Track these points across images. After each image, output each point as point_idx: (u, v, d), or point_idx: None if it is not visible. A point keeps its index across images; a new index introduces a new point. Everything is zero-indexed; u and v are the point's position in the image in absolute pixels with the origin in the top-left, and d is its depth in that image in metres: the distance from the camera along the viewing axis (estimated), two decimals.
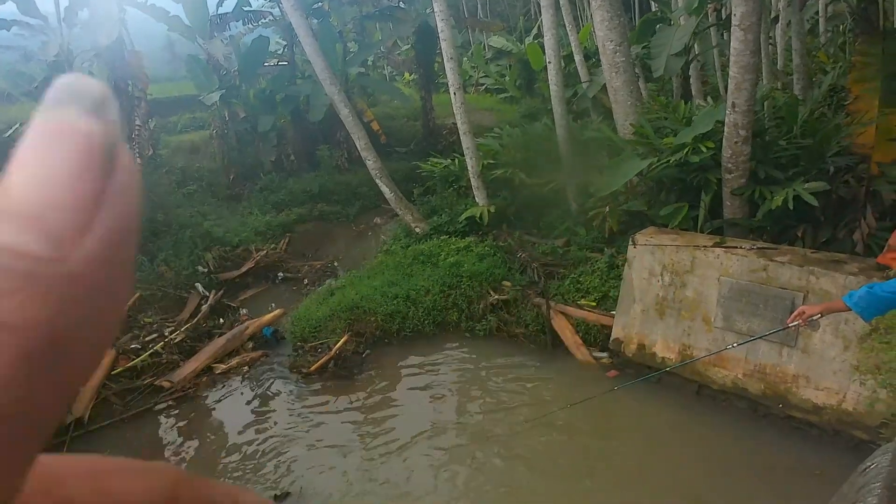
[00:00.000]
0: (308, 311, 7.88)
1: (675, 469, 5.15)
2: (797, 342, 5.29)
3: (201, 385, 7.07)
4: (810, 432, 5.29)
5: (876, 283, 3.18)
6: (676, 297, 6.07)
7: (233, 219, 11.43)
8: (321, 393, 6.80)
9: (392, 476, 5.34)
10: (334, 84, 9.53)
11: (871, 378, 4.75)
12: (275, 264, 10.41)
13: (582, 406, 6.17)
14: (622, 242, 6.94)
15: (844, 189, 5.99)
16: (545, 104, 15.46)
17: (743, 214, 6.25)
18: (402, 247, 9.36)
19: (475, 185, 9.06)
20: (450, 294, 7.74)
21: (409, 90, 18.96)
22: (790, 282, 5.26)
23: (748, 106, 5.76)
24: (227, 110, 12.89)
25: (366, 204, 13.09)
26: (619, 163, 6.75)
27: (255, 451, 5.91)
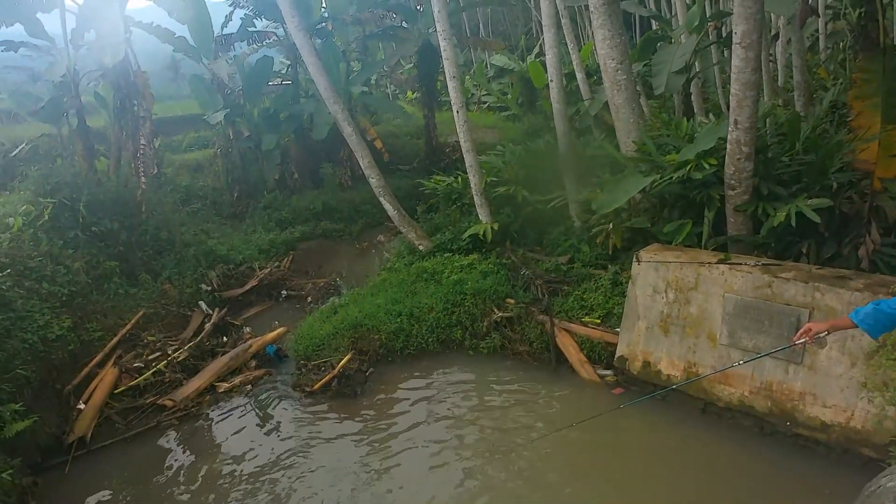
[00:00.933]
0: (311, 329, 7.87)
1: (679, 489, 5.10)
2: (803, 359, 5.25)
3: (204, 403, 7.06)
4: (817, 450, 5.23)
5: (882, 300, 3.17)
6: (681, 314, 6.05)
7: (236, 237, 11.49)
8: (324, 411, 6.76)
9: (397, 497, 5.28)
10: (337, 103, 9.60)
11: (878, 395, 4.71)
12: (278, 282, 10.45)
13: (587, 424, 6.12)
14: (626, 259, 6.93)
15: (848, 205, 5.98)
16: (547, 122, 15.53)
17: (747, 231, 6.24)
18: (406, 264, 9.37)
19: (478, 203, 9.08)
20: (453, 311, 7.73)
21: (412, 108, 19.12)
22: (795, 298, 5.24)
23: (750, 123, 5.77)
24: (231, 129, 13.01)
25: (369, 221, 13.16)
26: (622, 180, 6.76)
27: (256, 470, 5.87)
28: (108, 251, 8.64)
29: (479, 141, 13.95)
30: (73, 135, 10.87)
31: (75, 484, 5.78)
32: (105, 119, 12.32)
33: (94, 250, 8.42)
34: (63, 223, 8.31)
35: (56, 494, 5.64)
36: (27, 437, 5.73)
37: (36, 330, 6.56)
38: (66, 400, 6.71)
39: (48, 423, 6.22)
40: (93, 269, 8.17)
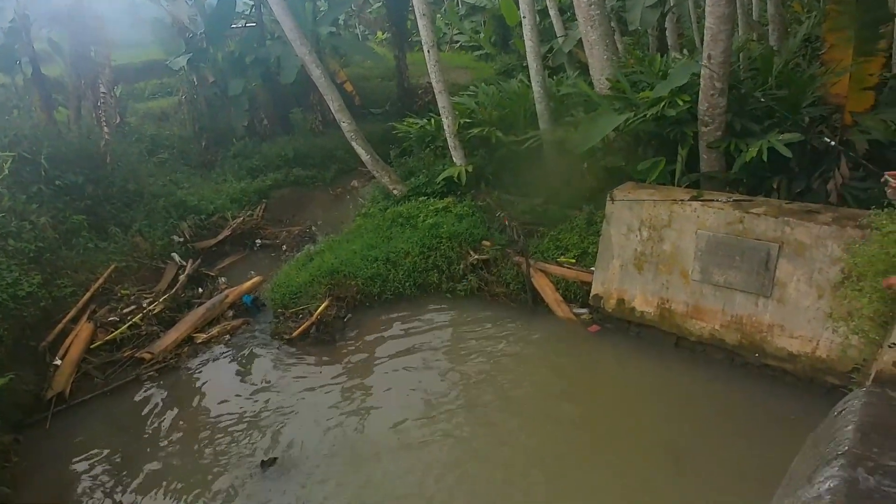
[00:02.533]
0: (288, 278, 7.84)
1: (654, 420, 5.27)
2: (773, 292, 5.37)
3: (183, 355, 7.05)
4: (785, 380, 5.43)
5: None
6: (654, 251, 6.12)
7: (207, 186, 11.24)
8: (304, 358, 6.81)
9: (377, 439, 5.39)
10: (304, 45, 9.30)
11: (843, 325, 4.84)
12: (252, 231, 10.31)
13: (565, 361, 6.29)
14: (600, 199, 6.93)
15: (819, 140, 6.01)
16: (521, 61, 15.27)
17: (719, 167, 6.27)
18: (381, 209, 9.30)
19: (452, 145, 8.97)
20: (430, 255, 7.74)
21: (383, 50, 18.61)
22: (766, 233, 5.31)
23: (724, 57, 5.72)
24: (195, 75, 12.56)
25: (342, 167, 12.93)
26: (596, 118, 6.70)
27: (239, 418, 5.93)
28: (75, 205, 8.42)
29: (452, 81, 13.68)
30: (28, 84, 10.43)
31: (58, 439, 5.80)
32: (61, 67, 11.78)
33: (59, 205, 8.20)
34: (25, 177, 8.06)
35: (39, 449, 5.66)
36: (5, 395, 5.70)
37: (5, 288, 6.45)
38: (41, 357, 6.65)
39: (25, 380, 6.19)
40: (60, 224, 7.98)
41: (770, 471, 4.05)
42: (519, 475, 4.85)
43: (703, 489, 4.45)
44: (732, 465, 4.63)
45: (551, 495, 4.62)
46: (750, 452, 4.70)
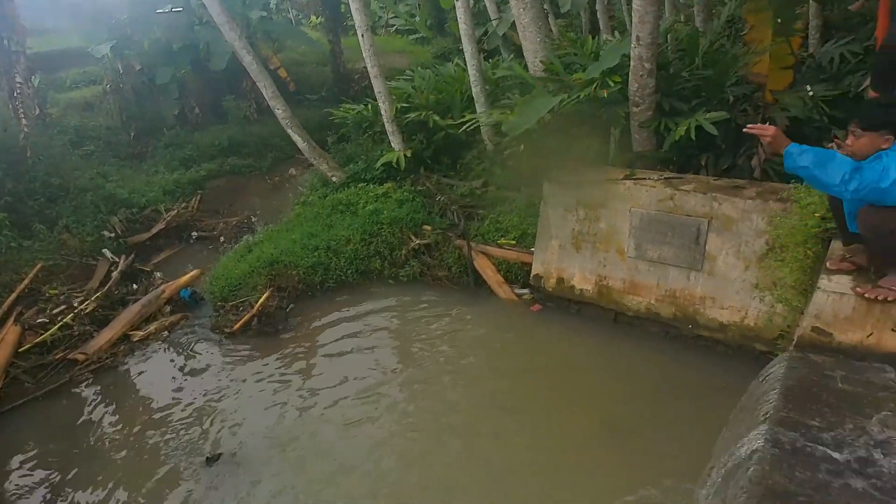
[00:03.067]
0: (226, 270, 7.68)
1: (593, 393, 5.43)
2: (703, 266, 5.57)
3: (119, 354, 6.82)
4: (717, 349, 5.65)
5: None
6: (591, 230, 6.26)
7: (138, 178, 10.85)
8: (247, 351, 6.70)
9: (325, 428, 5.36)
10: (234, 30, 9.04)
11: (768, 294, 5.09)
12: (187, 224, 10.02)
13: (508, 341, 6.39)
14: (537, 180, 7.02)
15: (743, 117, 6.24)
16: (457, 44, 15.22)
17: (651, 146, 6.43)
18: (320, 197, 9.18)
19: (390, 130, 8.92)
20: (371, 242, 7.70)
21: (317, 34, 18.25)
22: (695, 209, 5.50)
23: (652, 39, 5.84)
24: (120, 63, 12.06)
25: (279, 155, 12.69)
26: (531, 100, 6.74)
27: (183, 415, 5.80)
28: None
29: (389, 66, 13.56)
30: None
31: None
32: None
33: None
34: None
35: None
36: None
37: None
38: None
39: None
40: None
41: (705, 435, 4.22)
42: (468, 451, 4.93)
43: (642, 455, 4.61)
44: (669, 431, 4.80)
45: (501, 469, 4.71)
46: (686, 419, 4.89)
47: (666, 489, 4.27)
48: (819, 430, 2.96)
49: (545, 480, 4.54)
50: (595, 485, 4.45)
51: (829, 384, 3.33)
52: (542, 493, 4.43)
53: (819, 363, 3.56)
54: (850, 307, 3.65)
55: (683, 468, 4.31)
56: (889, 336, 3.52)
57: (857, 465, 2.76)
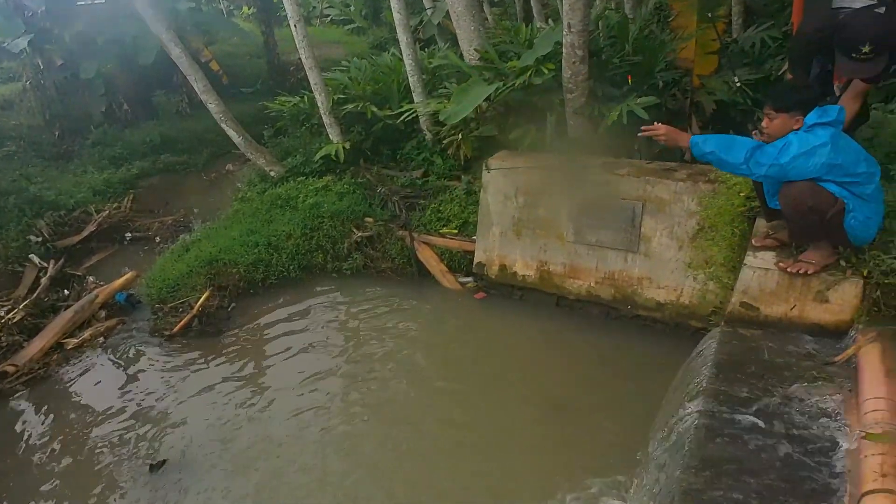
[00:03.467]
0: (163, 271, 7.44)
1: (537, 376, 5.51)
2: (639, 247, 5.73)
3: (53, 363, 6.53)
4: (655, 327, 5.82)
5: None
6: (531, 216, 6.34)
7: (65, 179, 10.37)
8: (188, 353, 6.52)
9: (273, 429, 5.28)
10: (161, 21, 8.74)
11: (701, 272, 5.28)
12: (121, 224, 9.65)
13: (453, 329, 6.44)
14: (477, 169, 7.07)
15: (672, 102, 6.45)
16: (393, 34, 15.02)
17: (586, 132, 6.54)
18: (258, 192, 8.99)
19: (328, 122, 8.80)
20: (312, 236, 7.60)
21: (249, 25, 17.82)
22: (630, 192, 5.64)
23: (583, 26, 5.94)
24: (40, 58, 11.44)
25: (215, 151, 12.33)
26: (467, 89, 6.78)
27: (124, 422, 5.61)
28: None
29: (325, 57, 13.36)
30: None
31: None
32: None
33: None
34: None
35: None
36: None
37: None
38: None
39: None
40: None
41: (646, 411, 4.36)
42: (416, 439, 4.96)
43: (585, 434, 4.74)
44: (612, 409, 4.94)
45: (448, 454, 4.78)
46: (627, 396, 5.04)
47: (610, 464, 4.39)
48: (749, 401, 3.10)
49: (493, 462, 4.61)
50: (541, 464, 4.54)
51: (757, 356, 3.49)
52: (490, 474, 4.50)
53: (748, 336, 3.72)
54: (775, 282, 3.82)
55: (626, 443, 4.43)
56: (810, 307, 3.70)
57: (784, 431, 2.91)
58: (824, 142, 3.43)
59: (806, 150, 3.44)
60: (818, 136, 3.46)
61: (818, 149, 3.43)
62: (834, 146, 3.43)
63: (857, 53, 3.50)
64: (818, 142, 3.44)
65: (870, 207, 3.51)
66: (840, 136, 3.51)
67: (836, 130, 3.49)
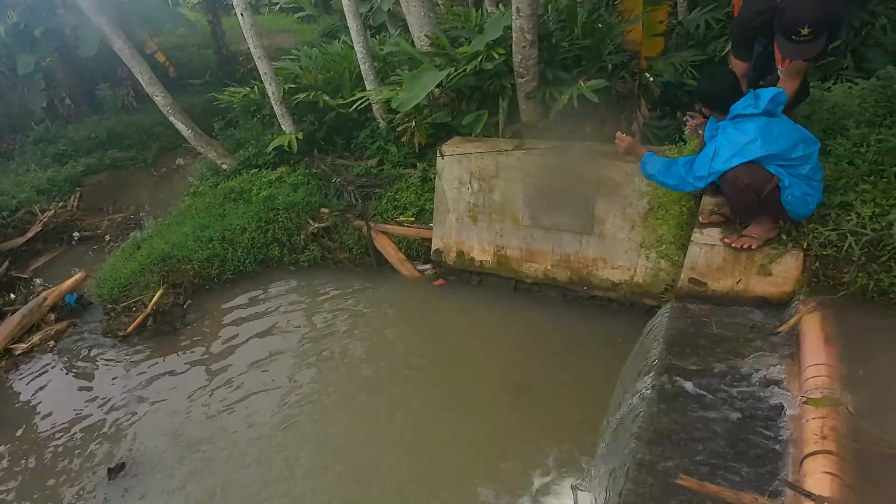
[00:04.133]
0: (114, 270, 7.26)
1: (499, 358, 5.59)
2: (593, 229, 5.82)
3: (1, 370, 6.36)
4: (611, 307, 5.94)
5: (681, 159, 3.86)
6: (486, 202, 6.37)
7: (6, 179, 10.05)
8: (144, 353, 6.41)
9: (234, 427, 5.24)
10: (101, 13, 8.47)
11: (653, 251, 5.39)
12: (67, 224, 9.39)
13: (413, 316, 6.46)
14: (432, 156, 7.07)
15: (621, 84, 6.51)
16: (343, 21, 14.91)
17: (538, 116, 6.59)
18: (211, 186, 8.83)
19: (279, 113, 8.66)
20: (268, 229, 7.50)
21: (196, 15, 17.39)
22: (583, 175, 5.71)
23: (531, 10, 5.96)
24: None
25: (164, 145, 12.08)
26: (419, 76, 6.75)
27: (77, 428, 5.49)
28: None
29: (275, 46, 13.17)
30: None
31: None
32: None
33: None
34: None
35: None
36: None
37: None
38: None
39: None
40: None
41: (604, 388, 4.46)
42: (378, 427, 5.00)
43: (545, 413, 4.85)
44: (570, 388, 5.06)
45: (411, 439, 4.82)
46: (585, 376, 5.15)
47: (569, 440, 4.51)
48: (698, 373, 3.20)
49: (455, 443, 4.70)
50: (503, 443, 4.63)
51: (705, 330, 3.59)
52: (452, 455, 4.58)
53: (696, 311, 3.83)
54: (721, 257, 3.93)
55: (586, 420, 4.53)
56: (755, 281, 3.82)
57: (731, 400, 3.02)
58: (753, 138, 3.51)
59: (736, 150, 3.54)
60: (746, 133, 3.53)
61: (747, 147, 3.52)
62: (764, 139, 3.50)
63: (797, 35, 3.59)
64: (746, 140, 3.52)
65: (807, 184, 3.59)
66: (772, 124, 3.56)
67: (766, 121, 3.54)
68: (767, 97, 3.54)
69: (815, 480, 2.38)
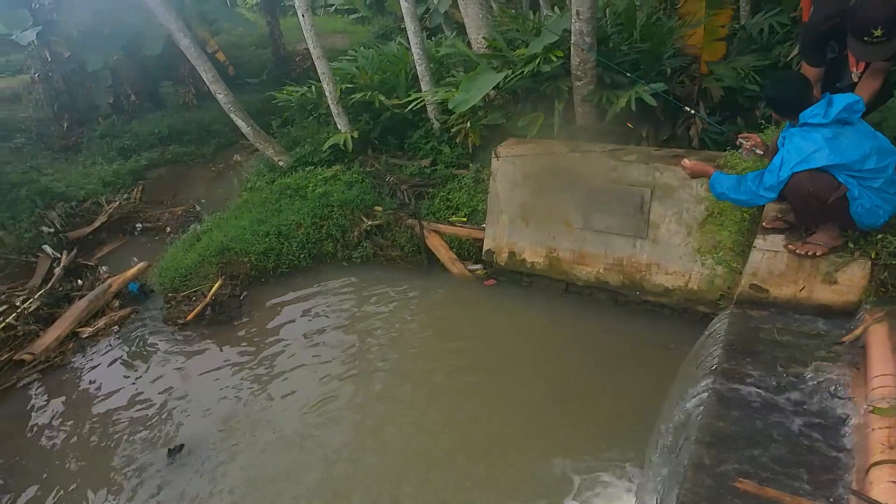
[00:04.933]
0: (175, 260, 7.53)
1: (545, 360, 5.60)
2: (648, 234, 5.78)
3: (68, 352, 6.65)
4: (662, 313, 5.88)
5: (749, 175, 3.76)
6: (539, 203, 6.39)
7: (74, 171, 10.47)
8: (201, 342, 6.62)
9: (288, 414, 5.38)
10: (170, 12, 8.77)
11: (710, 258, 5.33)
12: (131, 215, 9.76)
13: (462, 315, 6.51)
14: (485, 157, 7.13)
15: (680, 89, 6.47)
16: (397, 23, 15.13)
17: (593, 119, 6.59)
18: (267, 182, 9.06)
19: (335, 112, 8.84)
20: (322, 225, 7.67)
21: (253, 15, 17.84)
22: (638, 179, 5.68)
23: (591, 13, 5.97)
24: (47, 50, 11.50)
25: (222, 142, 12.43)
26: (476, 77, 6.82)
27: (138, 409, 5.72)
28: None
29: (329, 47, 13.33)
30: None
31: None
32: None
33: None
34: None
35: None
36: None
37: None
38: None
39: None
40: None
41: (652, 395, 4.44)
42: (424, 422, 5.07)
43: (591, 416, 4.83)
44: (618, 393, 5.02)
45: (455, 436, 4.87)
46: (633, 381, 5.10)
47: (615, 445, 4.48)
48: (759, 379, 3.17)
49: (497, 441, 4.73)
50: (546, 444, 4.63)
51: (766, 336, 3.54)
52: (495, 456, 4.60)
53: (757, 318, 3.77)
54: (784, 264, 3.87)
55: (632, 426, 4.53)
56: (819, 289, 3.75)
57: (793, 407, 2.97)
58: (818, 147, 3.43)
59: (801, 158, 3.46)
60: (813, 142, 3.45)
61: (813, 155, 3.44)
62: (831, 149, 3.41)
63: (869, 37, 3.52)
64: (812, 148, 3.44)
65: (880, 197, 3.47)
66: (841, 134, 3.44)
67: (834, 130, 3.44)
68: (841, 105, 3.41)
69: (881, 489, 2.34)
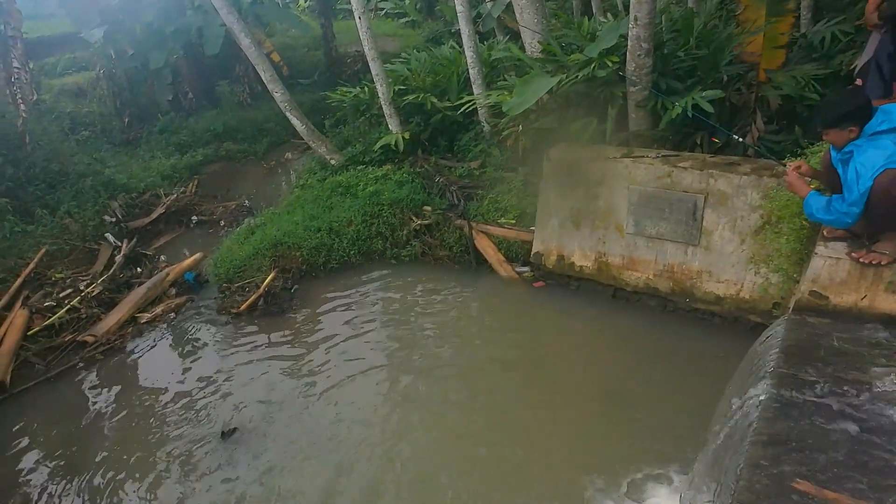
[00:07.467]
0: (230, 252, 7.78)
1: (592, 365, 5.61)
2: (700, 241, 5.74)
3: (127, 336, 6.92)
4: (713, 321, 5.83)
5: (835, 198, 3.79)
6: (590, 208, 6.41)
7: (134, 164, 10.91)
8: (253, 332, 6.82)
9: (331, 405, 5.51)
10: (232, 13, 9.06)
11: (764, 266, 5.27)
12: (186, 208, 10.11)
13: (509, 317, 6.55)
14: (535, 160, 7.17)
15: (737, 96, 6.40)
16: (448, 27, 15.31)
17: (647, 125, 6.58)
18: (319, 180, 9.28)
19: (387, 113, 9.00)
20: (372, 223, 7.82)
21: (307, 17, 18.20)
22: (692, 185, 5.66)
23: (649, 19, 5.97)
24: (112, 48, 11.99)
25: (274, 140, 12.77)
26: (529, 81, 6.86)
27: (192, 393, 5.93)
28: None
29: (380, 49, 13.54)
30: None
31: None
32: None
33: None
34: None
35: None
36: None
37: None
38: None
39: None
40: None
41: (699, 402, 4.44)
42: (470, 423, 5.11)
43: (637, 421, 4.81)
44: (665, 399, 5.00)
45: (502, 439, 4.89)
46: (680, 388, 5.08)
47: (660, 451, 4.46)
48: (816, 384, 3.15)
49: (541, 442, 4.76)
50: (592, 447, 4.65)
51: (825, 343, 3.52)
52: (542, 461, 4.61)
53: (816, 324, 3.74)
54: (846, 271, 3.83)
55: (680, 433, 4.52)
56: (882, 298, 3.70)
57: (851, 413, 2.95)
58: (890, 153, 3.48)
59: (881, 163, 3.49)
60: (884, 148, 3.50)
61: (892, 157, 3.48)
62: None
63: None
64: (885, 154, 3.48)
65: None
66: None
67: None
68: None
69: None
